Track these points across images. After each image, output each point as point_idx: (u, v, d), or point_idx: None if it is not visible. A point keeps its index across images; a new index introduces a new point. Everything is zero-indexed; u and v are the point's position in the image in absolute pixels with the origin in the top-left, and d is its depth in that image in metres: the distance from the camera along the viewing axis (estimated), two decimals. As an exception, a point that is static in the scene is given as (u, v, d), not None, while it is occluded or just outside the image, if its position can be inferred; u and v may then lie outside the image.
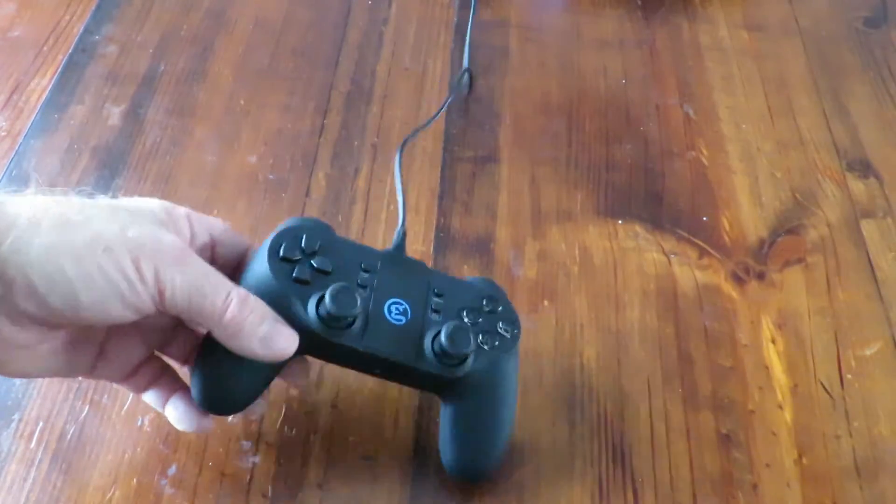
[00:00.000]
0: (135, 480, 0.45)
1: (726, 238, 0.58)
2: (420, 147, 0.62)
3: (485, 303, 0.45)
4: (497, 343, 0.43)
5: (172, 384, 0.44)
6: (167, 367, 0.45)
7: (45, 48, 0.68)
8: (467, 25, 0.70)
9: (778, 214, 0.59)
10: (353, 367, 0.44)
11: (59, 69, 0.66)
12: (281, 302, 0.41)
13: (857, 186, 0.61)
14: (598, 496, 0.45)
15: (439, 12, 0.73)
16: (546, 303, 0.53)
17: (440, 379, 0.42)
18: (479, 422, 0.44)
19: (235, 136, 0.62)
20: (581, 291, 0.54)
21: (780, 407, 0.49)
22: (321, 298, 0.40)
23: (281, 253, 0.41)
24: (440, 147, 0.62)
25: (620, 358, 0.51)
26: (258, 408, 0.47)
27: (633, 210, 0.59)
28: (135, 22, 0.70)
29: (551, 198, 0.59)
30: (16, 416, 0.47)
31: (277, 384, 0.49)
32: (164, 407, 0.44)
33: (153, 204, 0.41)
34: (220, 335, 0.40)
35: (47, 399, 0.47)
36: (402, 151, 0.54)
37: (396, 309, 0.43)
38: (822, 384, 0.51)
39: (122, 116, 0.63)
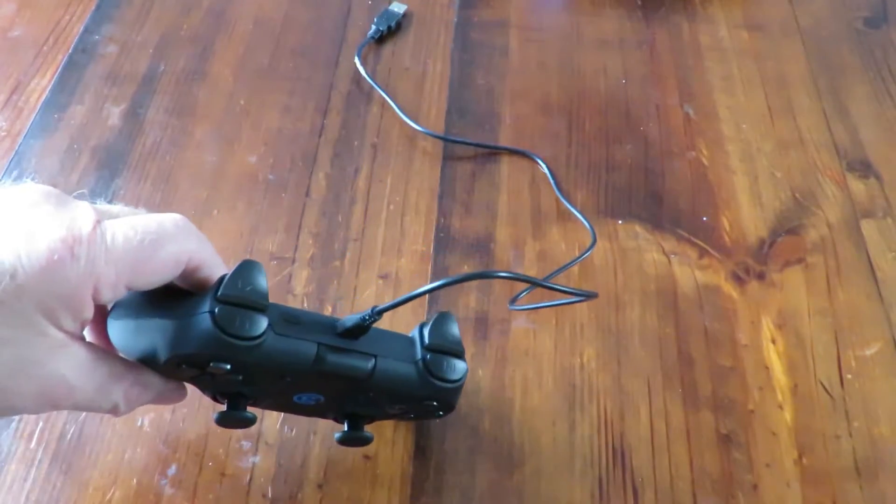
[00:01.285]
0: (135, 480, 0.45)
1: (726, 238, 0.58)
2: (420, 147, 0.62)
3: (428, 400, 0.41)
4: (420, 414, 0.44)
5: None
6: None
7: (45, 48, 0.68)
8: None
9: (778, 214, 0.59)
10: None
11: (59, 69, 0.66)
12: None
13: (857, 186, 0.61)
14: (598, 496, 0.45)
15: (439, 12, 0.73)
16: (546, 303, 0.53)
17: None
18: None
19: (235, 136, 0.62)
20: (581, 291, 0.54)
21: (780, 407, 0.49)
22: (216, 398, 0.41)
23: (182, 367, 0.37)
24: (440, 147, 0.62)
25: (620, 358, 0.51)
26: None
27: (633, 210, 0.59)
28: (135, 22, 0.70)
29: (551, 198, 0.59)
30: (16, 416, 0.47)
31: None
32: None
33: (44, 253, 0.32)
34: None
35: (47, 399, 0.47)
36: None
37: (308, 397, 0.41)
38: (822, 384, 0.50)
39: (122, 116, 0.63)
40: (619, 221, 0.58)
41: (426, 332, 0.41)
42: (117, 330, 0.39)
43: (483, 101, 0.66)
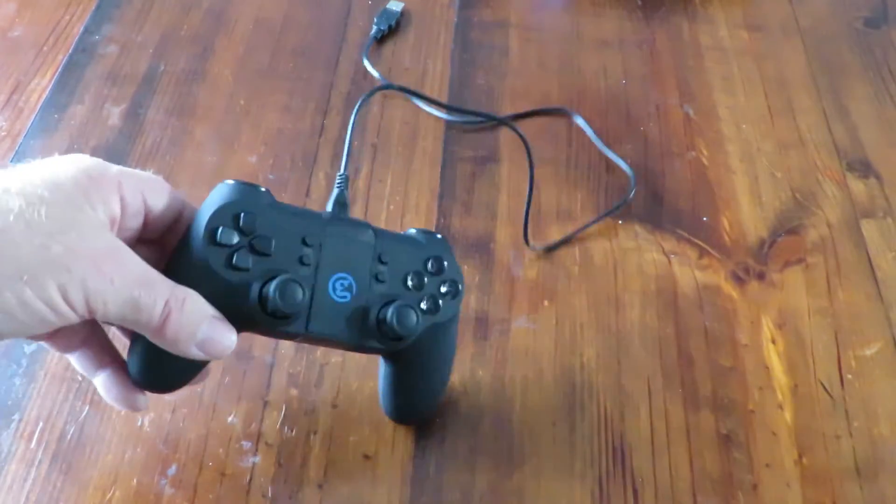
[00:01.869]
0: (135, 480, 0.45)
1: (726, 238, 0.58)
2: (420, 147, 0.62)
3: (429, 265, 0.44)
4: (441, 307, 0.44)
5: (102, 352, 0.42)
6: (97, 330, 0.42)
7: (45, 48, 0.68)
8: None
9: (778, 214, 0.59)
10: (296, 342, 0.43)
11: (59, 69, 0.66)
12: (221, 294, 0.39)
13: (857, 186, 0.61)
14: (598, 496, 0.45)
15: (439, 12, 0.73)
16: (546, 303, 0.53)
17: (383, 351, 0.44)
18: (418, 378, 0.46)
19: (235, 136, 0.62)
20: (581, 291, 0.54)
21: (781, 407, 0.49)
22: (264, 288, 0.39)
23: (218, 238, 0.39)
24: (440, 147, 0.62)
25: (620, 358, 0.51)
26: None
27: (633, 210, 0.59)
28: (135, 22, 0.70)
29: (551, 198, 0.59)
30: (16, 416, 0.47)
31: (278, 384, 0.49)
32: (94, 375, 0.42)
33: (73, 170, 0.37)
34: (157, 342, 0.38)
35: (47, 399, 0.47)
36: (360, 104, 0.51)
37: (341, 285, 0.42)
38: (822, 384, 0.50)
39: (122, 116, 0.63)
40: (619, 221, 0.58)
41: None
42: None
43: (483, 101, 0.66)
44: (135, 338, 0.40)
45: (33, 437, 0.46)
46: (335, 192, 0.44)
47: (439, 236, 0.46)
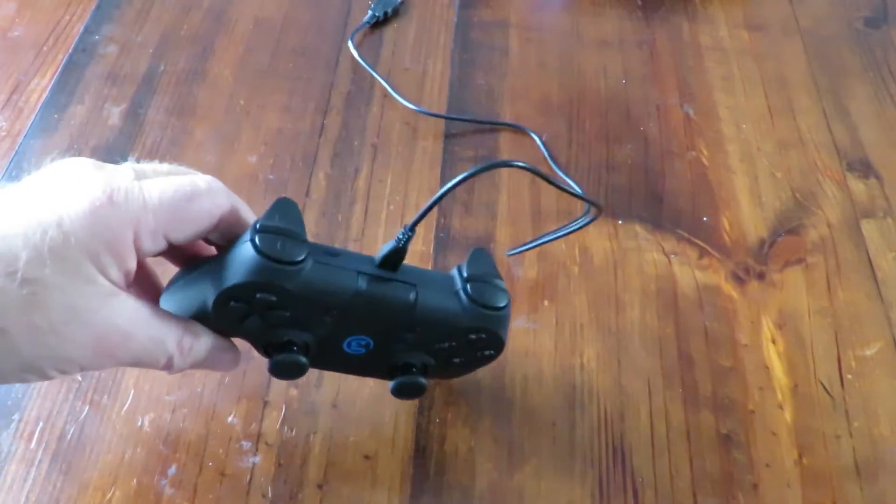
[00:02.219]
0: (135, 480, 0.45)
1: (726, 238, 0.58)
2: (420, 147, 0.62)
3: (472, 333, 0.41)
4: (473, 363, 0.44)
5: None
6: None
7: (45, 48, 0.68)
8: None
9: (778, 214, 0.59)
10: None
11: (59, 69, 0.66)
12: (228, 332, 0.41)
13: (857, 186, 0.61)
14: (598, 496, 0.45)
15: (439, 12, 0.73)
16: (546, 303, 0.53)
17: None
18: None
19: (235, 136, 0.62)
20: (581, 291, 0.54)
21: (781, 407, 0.49)
22: (269, 350, 0.40)
23: (230, 307, 0.38)
24: (440, 147, 0.62)
25: (620, 358, 0.51)
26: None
27: (633, 210, 0.59)
28: (135, 22, 0.70)
29: (551, 198, 0.59)
30: (16, 416, 0.47)
31: (278, 384, 0.49)
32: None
33: (84, 221, 0.34)
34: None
35: (47, 399, 0.47)
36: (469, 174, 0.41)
37: (357, 343, 0.41)
38: (822, 384, 0.50)
39: (122, 116, 0.63)
40: (619, 221, 0.58)
41: (463, 267, 0.41)
42: (168, 300, 0.41)
43: (483, 101, 0.66)
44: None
45: (33, 437, 0.46)
46: (391, 244, 0.39)
47: (502, 304, 0.41)
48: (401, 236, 0.39)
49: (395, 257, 0.39)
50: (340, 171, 0.60)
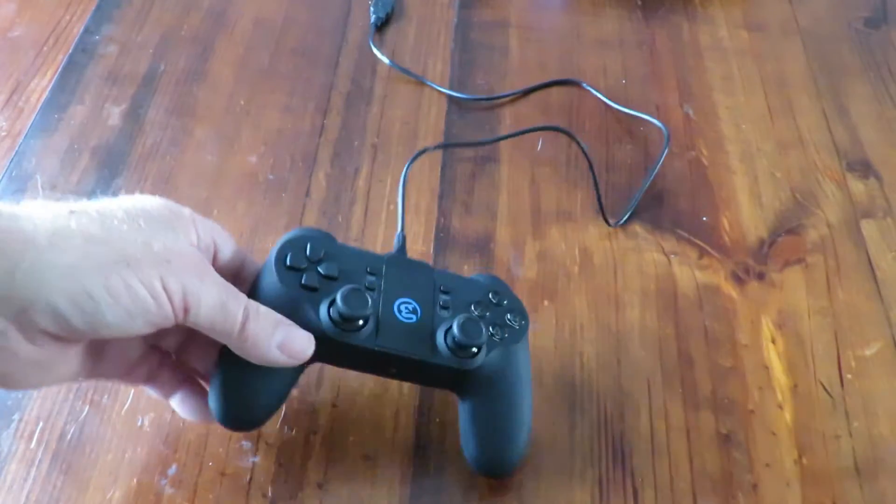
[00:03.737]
0: (135, 480, 0.45)
1: (726, 238, 0.58)
2: (420, 147, 0.62)
3: (491, 296, 0.46)
4: (507, 334, 0.45)
5: (172, 376, 0.44)
6: (165, 359, 0.45)
7: (45, 48, 0.68)
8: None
9: (778, 214, 0.59)
10: (368, 370, 0.44)
11: (59, 69, 0.66)
12: (293, 310, 0.41)
13: (857, 186, 0.61)
14: (598, 496, 0.45)
15: (439, 12, 0.73)
16: (546, 303, 0.53)
17: (455, 372, 0.43)
18: (498, 413, 0.44)
19: (235, 136, 0.62)
20: (581, 291, 0.54)
21: (780, 407, 0.49)
22: (332, 302, 0.41)
23: (287, 262, 0.42)
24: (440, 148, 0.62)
25: (620, 358, 0.51)
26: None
27: (634, 210, 0.59)
28: (135, 22, 0.70)
29: (551, 198, 0.59)
30: (16, 416, 0.47)
31: (277, 384, 0.49)
32: (167, 398, 0.45)
33: (157, 203, 0.40)
34: (237, 348, 0.40)
35: (47, 399, 0.47)
36: (408, 167, 0.55)
37: (406, 308, 0.44)
38: (822, 384, 0.50)
39: (122, 116, 0.63)
40: (620, 221, 0.58)
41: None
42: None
43: (483, 101, 0.66)
44: (214, 379, 0.42)
45: (33, 437, 0.46)
46: (398, 239, 0.49)
47: (497, 277, 0.48)
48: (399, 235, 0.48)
49: (399, 242, 0.49)
50: (340, 171, 0.60)
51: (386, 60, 0.67)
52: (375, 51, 0.68)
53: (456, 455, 0.46)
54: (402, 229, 0.50)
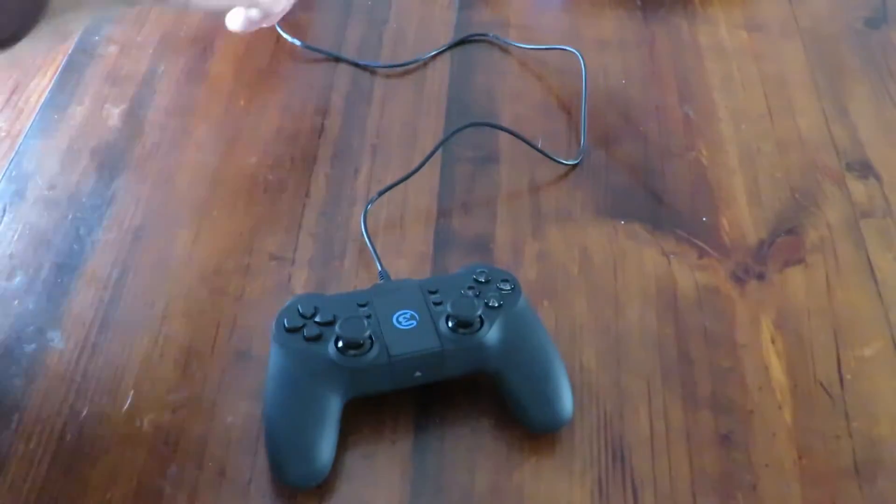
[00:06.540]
0: (135, 480, 0.45)
1: (726, 238, 0.58)
2: (420, 147, 0.62)
3: (476, 277, 0.49)
4: (503, 300, 0.48)
5: None
6: None
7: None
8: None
9: (777, 214, 0.59)
10: (398, 383, 0.46)
11: (59, 69, 0.66)
12: (306, 361, 0.45)
13: (856, 186, 0.61)
14: (598, 496, 0.45)
15: (439, 12, 0.73)
16: (546, 303, 0.53)
17: (473, 350, 0.46)
18: (531, 371, 0.47)
19: (235, 136, 0.62)
20: (581, 291, 0.54)
21: (780, 407, 0.49)
22: (336, 338, 0.45)
23: (286, 326, 0.46)
24: (440, 148, 0.62)
25: (620, 358, 0.51)
26: None
27: (633, 210, 0.59)
28: (135, 22, 0.70)
29: (551, 198, 0.59)
30: (16, 416, 0.47)
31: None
32: None
33: None
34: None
35: (47, 399, 0.47)
36: (366, 211, 0.57)
37: (404, 317, 0.47)
38: (821, 384, 0.50)
39: (122, 117, 0.63)
40: (620, 221, 0.58)
41: None
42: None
43: (483, 102, 0.66)
44: (269, 445, 0.45)
45: (33, 437, 0.46)
46: (379, 275, 0.53)
47: (478, 263, 0.52)
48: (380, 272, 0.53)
49: (382, 275, 0.53)
50: (340, 171, 0.60)
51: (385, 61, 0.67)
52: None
53: (456, 455, 0.46)
54: (382, 267, 0.53)
